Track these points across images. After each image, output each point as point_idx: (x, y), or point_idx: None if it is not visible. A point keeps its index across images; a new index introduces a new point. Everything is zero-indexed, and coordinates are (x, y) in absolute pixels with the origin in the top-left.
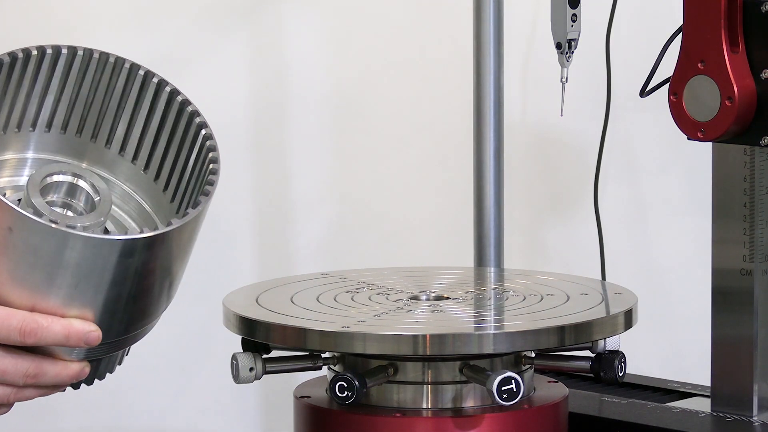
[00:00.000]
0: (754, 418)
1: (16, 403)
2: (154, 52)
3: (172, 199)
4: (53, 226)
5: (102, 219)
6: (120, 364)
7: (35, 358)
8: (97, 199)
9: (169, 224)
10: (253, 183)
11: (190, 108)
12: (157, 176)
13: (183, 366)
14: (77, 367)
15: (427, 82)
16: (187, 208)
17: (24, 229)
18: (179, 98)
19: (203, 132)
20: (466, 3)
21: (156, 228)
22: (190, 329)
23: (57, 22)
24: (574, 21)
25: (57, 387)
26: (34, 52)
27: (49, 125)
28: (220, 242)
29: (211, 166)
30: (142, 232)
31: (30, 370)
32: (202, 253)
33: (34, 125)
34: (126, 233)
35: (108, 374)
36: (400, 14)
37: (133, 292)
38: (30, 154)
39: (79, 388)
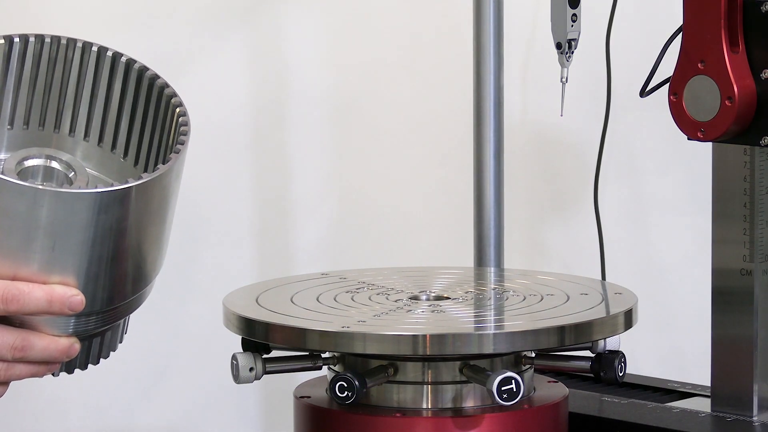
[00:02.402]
0: (754, 418)
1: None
2: (153, 52)
3: (145, 171)
4: (22, 183)
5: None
6: (121, 341)
7: (22, 332)
8: (71, 174)
9: (139, 178)
10: (253, 183)
11: (149, 73)
12: (126, 153)
13: (183, 366)
14: (66, 342)
15: (427, 82)
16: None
17: None
18: (136, 66)
19: (166, 91)
20: (466, 4)
21: (126, 182)
22: (190, 329)
23: (55, 22)
24: (574, 21)
25: (48, 364)
26: None
27: (11, 122)
28: (220, 242)
29: (181, 128)
30: (111, 185)
31: (17, 343)
32: (202, 253)
33: None
34: (96, 187)
35: (110, 353)
36: (400, 14)
37: (112, 254)
38: (2, 155)
39: (72, 372)
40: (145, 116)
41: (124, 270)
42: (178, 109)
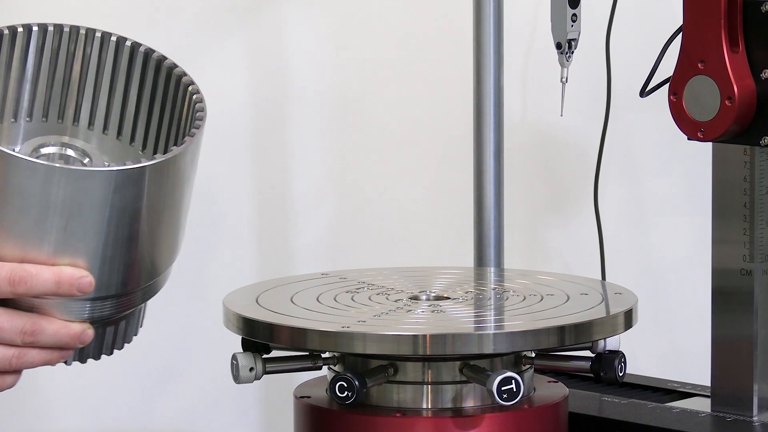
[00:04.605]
0: (754, 418)
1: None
2: None
3: None
4: (36, 161)
5: None
6: (135, 334)
7: (32, 316)
8: (86, 160)
9: (153, 159)
10: (253, 183)
11: (167, 62)
12: (144, 146)
13: (183, 366)
14: (78, 327)
15: (427, 82)
16: None
17: (7, 170)
18: (155, 56)
19: (183, 80)
20: (466, 3)
21: (140, 162)
22: (190, 329)
23: (54, 20)
24: (574, 21)
25: (61, 351)
26: (6, 32)
27: (30, 114)
28: (220, 242)
29: (197, 114)
30: (125, 164)
31: (27, 327)
32: (202, 253)
33: (15, 116)
34: (109, 166)
35: (124, 344)
36: (400, 14)
37: (124, 237)
38: (20, 146)
39: (85, 361)
40: (163, 107)
41: (137, 255)
42: (194, 97)
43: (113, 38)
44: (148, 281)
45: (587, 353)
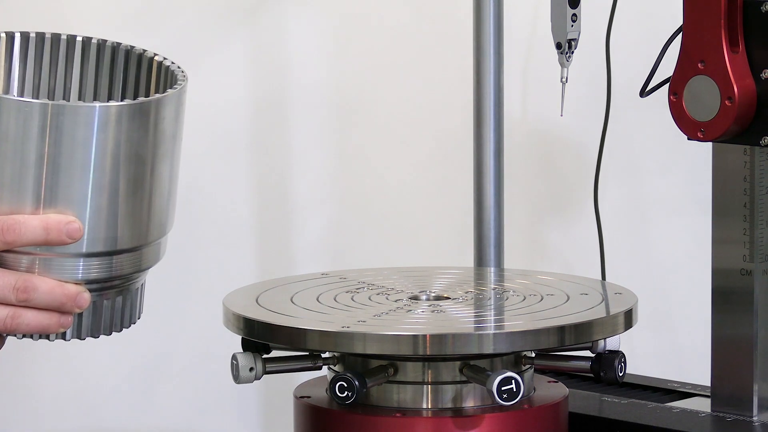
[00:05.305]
0: (754, 418)
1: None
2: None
3: None
4: (19, 99)
5: None
6: (133, 322)
7: (23, 273)
8: None
9: (135, 100)
10: (253, 183)
11: (147, 54)
12: None
13: (183, 366)
14: (74, 288)
15: (427, 82)
16: None
17: None
18: (135, 51)
19: (164, 63)
20: (466, 3)
21: (122, 101)
22: (190, 329)
23: (55, 21)
24: (574, 21)
25: (59, 315)
26: None
27: None
28: (220, 242)
29: (178, 77)
30: (108, 102)
31: (19, 283)
32: (202, 253)
33: None
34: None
35: (123, 328)
36: (401, 14)
37: (109, 184)
38: None
39: (84, 338)
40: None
41: (123, 209)
42: (175, 71)
43: (94, 41)
44: (137, 242)
45: (587, 353)
